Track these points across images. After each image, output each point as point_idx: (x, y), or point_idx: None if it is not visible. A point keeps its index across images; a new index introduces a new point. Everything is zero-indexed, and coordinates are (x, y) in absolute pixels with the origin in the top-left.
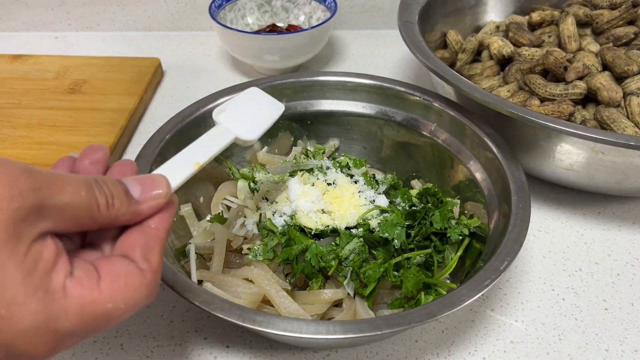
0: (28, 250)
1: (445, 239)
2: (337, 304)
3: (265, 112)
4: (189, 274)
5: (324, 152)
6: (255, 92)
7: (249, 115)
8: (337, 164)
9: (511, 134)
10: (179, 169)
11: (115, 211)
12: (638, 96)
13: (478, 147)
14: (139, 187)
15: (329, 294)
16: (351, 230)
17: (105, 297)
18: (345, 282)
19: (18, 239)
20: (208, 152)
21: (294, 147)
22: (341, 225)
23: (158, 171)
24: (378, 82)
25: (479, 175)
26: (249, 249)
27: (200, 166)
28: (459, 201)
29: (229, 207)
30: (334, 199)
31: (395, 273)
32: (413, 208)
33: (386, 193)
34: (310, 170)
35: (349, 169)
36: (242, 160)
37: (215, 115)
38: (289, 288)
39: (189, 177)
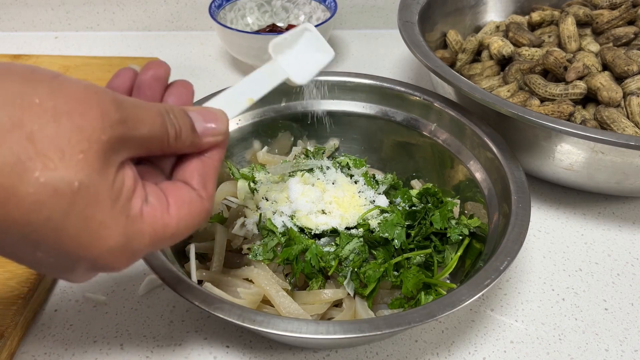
0: (115, 178)
1: (445, 239)
2: (337, 304)
3: (316, 55)
4: (189, 274)
5: (324, 152)
6: (310, 31)
7: (302, 57)
8: (337, 164)
9: (511, 134)
10: (233, 103)
11: (181, 143)
12: (638, 96)
13: (478, 147)
14: (203, 121)
15: (329, 294)
16: (351, 230)
17: (173, 221)
18: (345, 282)
19: (107, 168)
20: (261, 89)
21: (294, 147)
22: (341, 225)
23: (214, 103)
24: (378, 82)
25: (479, 175)
26: (249, 249)
27: (253, 102)
28: (459, 201)
29: (229, 207)
30: (334, 199)
31: (395, 273)
32: (413, 208)
33: (386, 193)
34: (310, 170)
35: (349, 169)
36: (242, 160)
37: (271, 49)
38: (289, 288)
39: (243, 112)
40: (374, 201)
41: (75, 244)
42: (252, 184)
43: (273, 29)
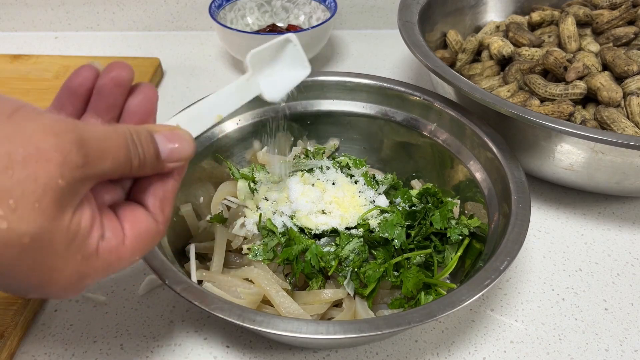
0: (71, 221)
1: (445, 239)
2: (337, 304)
3: (293, 71)
4: (189, 274)
5: (324, 152)
6: (292, 42)
7: (279, 71)
8: (337, 164)
9: (511, 134)
10: (202, 118)
11: (143, 170)
12: (638, 96)
13: (478, 147)
14: (168, 145)
15: (329, 294)
16: (351, 230)
17: (127, 252)
18: (345, 282)
19: (64, 213)
20: (232, 105)
21: (294, 147)
22: (341, 225)
23: (183, 117)
24: (378, 82)
25: (479, 175)
26: (249, 249)
27: (221, 118)
28: (459, 201)
29: (229, 207)
30: (334, 199)
31: (395, 273)
32: (413, 208)
33: (386, 193)
34: (310, 170)
35: (349, 169)
36: (242, 160)
37: (249, 59)
38: (289, 288)
39: (209, 128)
40: (374, 201)
41: (26, 285)
42: (252, 184)
43: (273, 29)
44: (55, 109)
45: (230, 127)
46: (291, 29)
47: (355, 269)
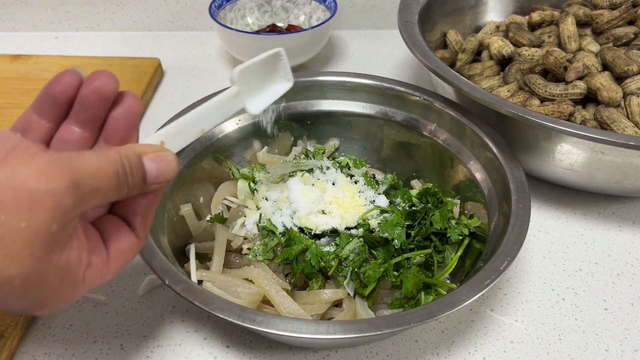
0: (59, 259)
1: (445, 239)
2: (337, 304)
3: (276, 84)
4: (189, 274)
5: (324, 152)
6: (279, 57)
7: (263, 85)
8: (337, 164)
9: (511, 134)
10: (185, 133)
11: (129, 194)
12: (638, 96)
13: (478, 147)
14: (154, 168)
15: (329, 294)
16: (351, 230)
17: (111, 272)
18: (345, 282)
19: (53, 253)
20: (215, 119)
21: (294, 147)
22: (341, 225)
23: (166, 131)
24: (378, 82)
25: (479, 175)
26: (249, 249)
27: (204, 132)
28: (459, 201)
29: (229, 207)
30: (334, 199)
31: (395, 273)
32: (413, 208)
33: (386, 193)
34: (310, 170)
35: (349, 169)
36: (242, 160)
37: (236, 75)
38: (289, 288)
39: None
40: (374, 201)
41: (14, 310)
42: (252, 184)
43: (273, 29)
44: (35, 112)
45: (230, 127)
46: (291, 29)
47: (355, 269)
